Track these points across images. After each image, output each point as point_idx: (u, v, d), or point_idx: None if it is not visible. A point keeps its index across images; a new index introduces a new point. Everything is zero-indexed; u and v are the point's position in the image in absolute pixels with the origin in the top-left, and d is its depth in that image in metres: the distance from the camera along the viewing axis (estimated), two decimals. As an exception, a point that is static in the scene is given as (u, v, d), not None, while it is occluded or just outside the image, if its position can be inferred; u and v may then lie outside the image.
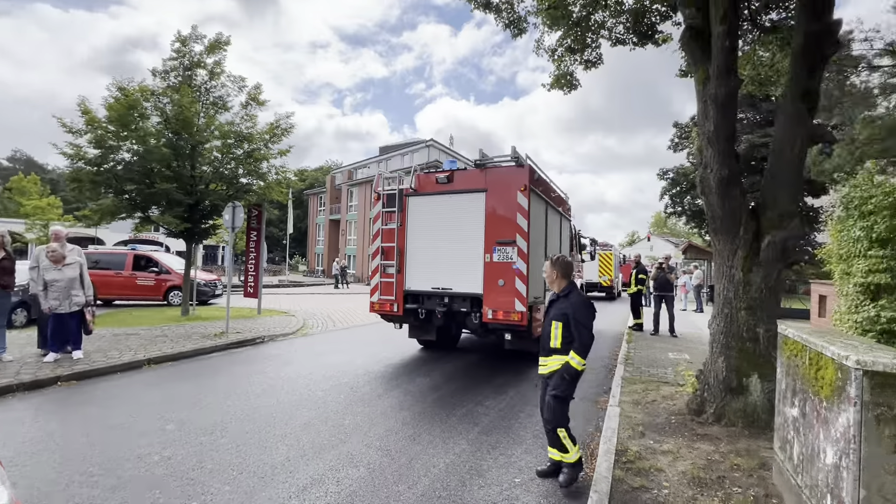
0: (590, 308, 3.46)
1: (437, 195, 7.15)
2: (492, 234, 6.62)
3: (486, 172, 6.82)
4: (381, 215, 7.55)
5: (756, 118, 22.28)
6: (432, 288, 7.08)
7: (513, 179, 6.59)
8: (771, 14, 6.90)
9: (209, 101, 11.93)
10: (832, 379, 2.39)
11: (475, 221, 6.77)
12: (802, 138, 4.43)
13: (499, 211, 6.62)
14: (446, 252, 7.02)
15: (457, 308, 6.93)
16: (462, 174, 7.09)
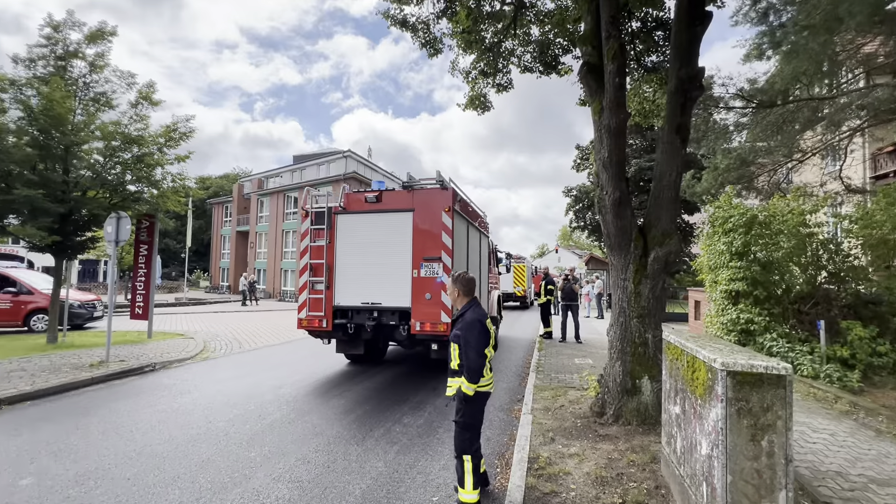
0: (480, 329, 3.26)
1: (365, 214, 7.38)
2: (419, 251, 6.95)
3: (413, 194, 7.16)
4: (310, 232, 7.58)
5: (643, 144, 25.25)
6: (362, 303, 7.23)
7: (438, 201, 6.99)
8: (651, 57, 7.90)
9: (89, 96, 10.50)
10: (704, 379, 2.74)
11: (403, 239, 7.07)
12: (678, 166, 5.10)
13: (425, 230, 6.97)
14: (375, 268, 7.22)
15: (386, 321, 7.14)
16: (390, 194, 7.34)
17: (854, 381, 6.47)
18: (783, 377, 2.42)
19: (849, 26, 6.92)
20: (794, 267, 8.45)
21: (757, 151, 10.87)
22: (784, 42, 7.90)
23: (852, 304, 7.80)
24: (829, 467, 3.94)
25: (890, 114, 8.72)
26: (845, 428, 5.02)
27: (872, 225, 7.91)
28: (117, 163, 10.62)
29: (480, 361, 3.20)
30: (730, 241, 8.54)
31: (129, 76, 10.90)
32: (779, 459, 2.41)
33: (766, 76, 9.22)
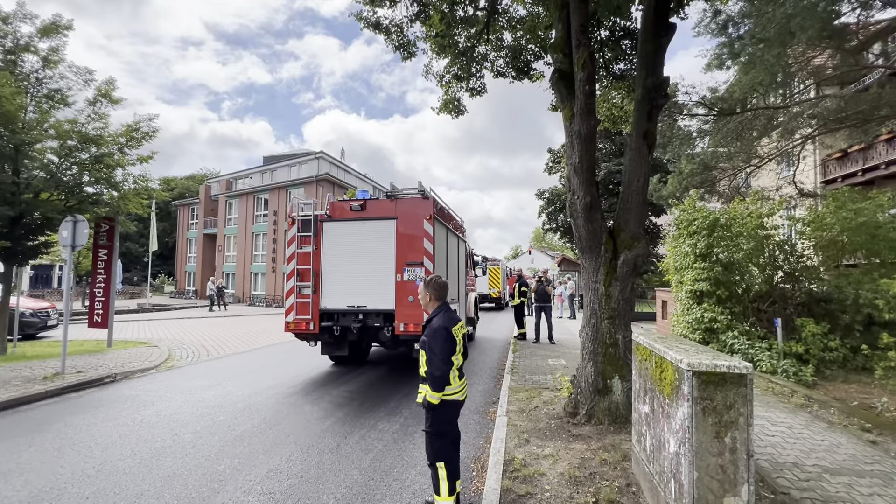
0: (445, 337, 3.13)
1: (351, 221, 7.73)
2: (402, 257, 7.37)
3: (396, 203, 7.55)
4: (297, 239, 7.84)
5: (612, 148, 25.96)
6: (347, 306, 7.61)
7: (419, 209, 7.41)
8: (620, 64, 8.15)
9: (42, 93, 9.95)
10: (672, 379, 2.84)
11: (387, 245, 7.46)
12: (645, 172, 5.27)
13: (407, 236, 7.39)
14: (360, 273, 7.59)
15: (370, 323, 7.52)
16: (374, 203, 7.71)
17: (808, 375, 6.84)
18: (744, 376, 2.53)
19: (800, 40, 7.34)
20: (754, 267, 8.87)
21: (718, 157, 11.37)
22: (742, 53, 8.31)
23: (806, 302, 8.25)
24: (787, 459, 4.15)
25: (837, 123, 9.28)
26: (801, 420, 5.30)
27: (823, 227, 8.39)
28: (74, 163, 10.10)
29: (445, 369, 3.08)
30: (694, 243, 8.89)
31: (86, 72, 10.39)
32: (741, 455, 2.52)
33: (726, 85, 9.67)
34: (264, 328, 16.21)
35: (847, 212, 8.11)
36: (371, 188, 43.30)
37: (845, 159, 14.86)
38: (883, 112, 8.47)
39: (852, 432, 4.90)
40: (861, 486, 3.63)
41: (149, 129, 10.79)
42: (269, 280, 34.59)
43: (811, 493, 3.50)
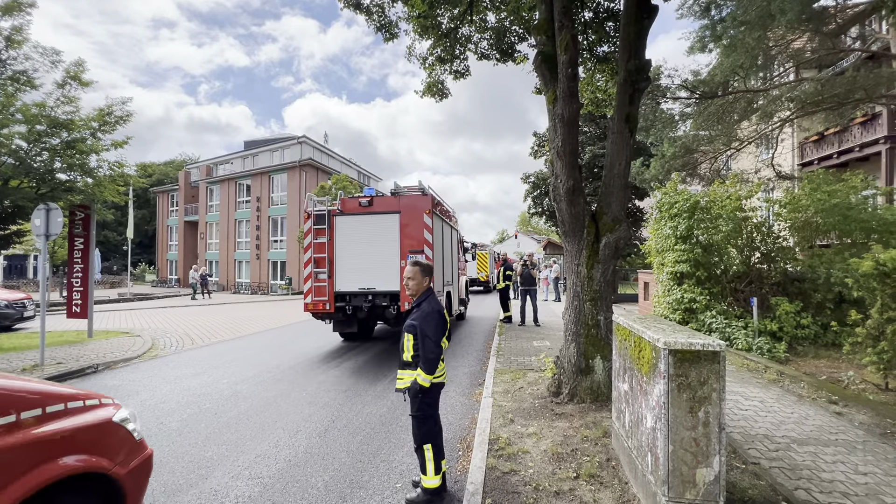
0: (439, 319, 3.21)
1: (360, 215, 8.72)
2: (405, 245, 8.41)
3: (400, 198, 8.63)
4: (312, 231, 8.75)
5: (596, 132, 26.03)
6: (359, 288, 8.61)
7: (420, 204, 8.49)
8: (603, 47, 8.12)
9: (6, 75, 9.50)
10: (649, 358, 2.93)
11: (392, 236, 8.50)
12: (627, 155, 5.32)
13: (410, 228, 8.47)
14: (369, 259, 8.58)
15: (378, 303, 8.52)
16: (380, 199, 8.74)
17: (781, 351, 7.11)
18: (717, 353, 2.63)
19: (780, 22, 7.41)
20: (732, 249, 9.10)
21: (700, 140, 11.51)
22: (724, 36, 8.36)
23: (781, 281, 8.52)
24: (758, 431, 4.35)
25: (815, 106, 9.46)
26: (772, 395, 5.53)
27: (798, 209, 8.63)
28: (44, 149, 9.75)
29: (438, 352, 3.16)
30: (675, 225, 9.06)
31: (53, 53, 9.94)
32: (713, 428, 2.63)
33: (708, 68, 9.74)
34: (249, 316, 16.09)
35: (821, 193, 8.34)
36: (356, 173, 42.75)
37: (822, 142, 15.19)
38: (858, 95, 8.65)
39: (820, 405, 5.14)
40: (826, 454, 3.83)
41: (122, 112, 10.44)
42: (254, 267, 34.18)
43: (780, 462, 3.68)
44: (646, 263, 12.72)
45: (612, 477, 3.41)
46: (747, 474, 3.41)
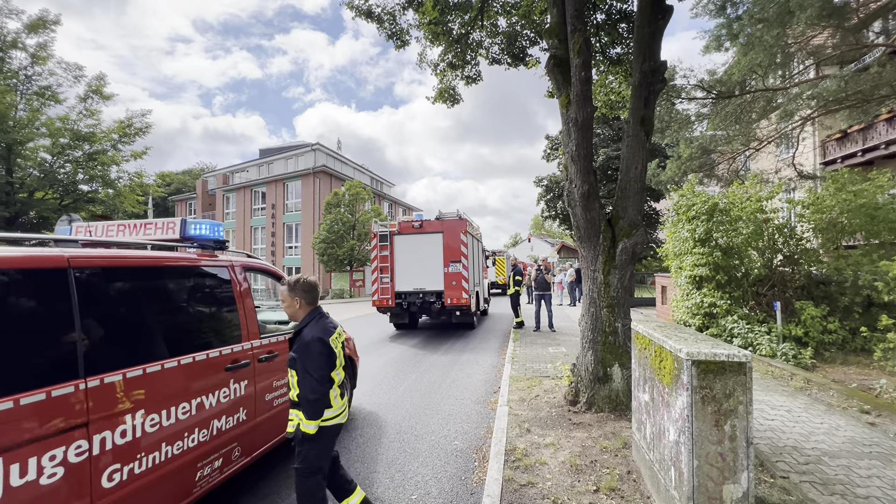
0: (321, 349, 2.56)
1: (413, 234, 11.54)
2: (447, 256, 11.23)
3: (443, 222, 11.46)
4: (378, 247, 11.62)
5: (610, 133, 25.76)
6: (412, 288, 11.40)
7: (457, 226, 11.37)
8: (616, 49, 8.02)
9: (32, 90, 9.82)
10: (671, 368, 2.84)
11: (437, 249, 11.31)
12: (643, 158, 5.22)
13: (450, 244, 11.26)
14: (420, 267, 11.34)
15: (427, 299, 11.25)
16: (428, 223, 11.57)
17: (807, 358, 6.87)
18: (744, 364, 2.53)
19: (800, 19, 7.22)
20: (753, 251, 8.85)
21: (717, 140, 11.28)
22: (741, 34, 8.18)
23: (805, 285, 8.25)
24: (786, 442, 4.18)
25: (837, 103, 9.19)
26: (800, 404, 5.33)
27: (822, 209, 8.35)
28: (67, 161, 10.04)
29: (322, 390, 2.55)
30: (693, 228, 8.86)
31: (76, 68, 10.25)
32: (741, 442, 2.52)
33: (725, 67, 9.55)
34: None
35: (847, 193, 8.07)
36: (369, 179, 43.07)
37: (845, 140, 14.75)
38: (883, 91, 8.37)
39: (851, 414, 4.93)
40: (860, 468, 3.66)
41: (142, 124, 10.70)
42: (269, 273, 34.59)
43: (810, 476, 3.53)
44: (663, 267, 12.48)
45: (633, 491, 3.30)
46: (776, 489, 3.27)
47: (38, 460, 2.07)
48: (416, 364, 8.15)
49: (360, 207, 30.31)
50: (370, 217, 29.59)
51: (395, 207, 46.46)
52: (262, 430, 3.67)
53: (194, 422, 2.95)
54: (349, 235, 29.00)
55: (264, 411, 3.70)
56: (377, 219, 12.42)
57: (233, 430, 3.29)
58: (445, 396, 6.17)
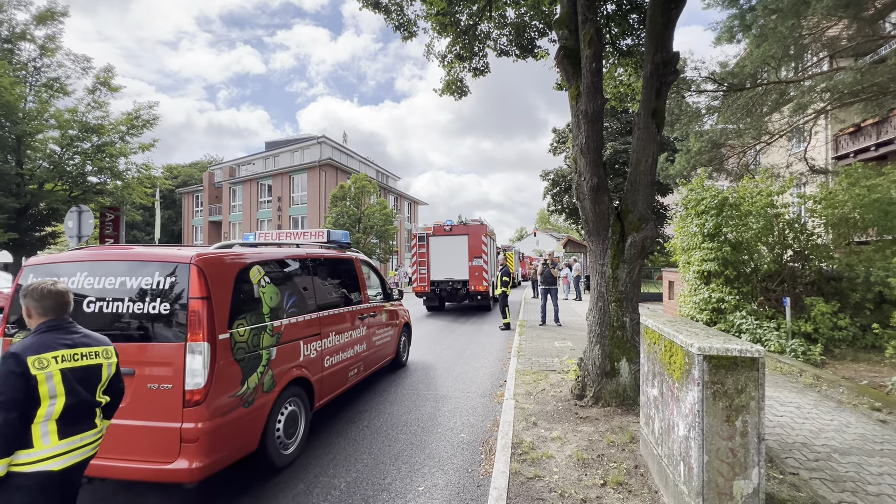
0: (11, 369, 1.90)
1: (444, 236, 14.77)
2: (471, 253, 14.41)
3: (467, 226, 14.76)
4: (417, 245, 14.99)
5: (619, 127, 25.50)
6: (444, 278, 14.65)
7: (479, 230, 14.63)
8: (627, 40, 7.90)
9: (41, 82, 9.87)
10: (682, 363, 2.81)
11: (463, 248, 14.52)
12: (654, 152, 5.14)
13: (473, 244, 14.47)
14: (450, 261, 14.56)
15: (455, 287, 14.54)
16: (457, 227, 14.77)
17: (817, 354, 6.80)
18: (756, 359, 2.50)
19: (815, 10, 7.07)
20: (762, 247, 8.75)
21: (727, 134, 11.11)
22: (754, 25, 8.03)
23: (815, 280, 8.16)
24: (796, 439, 4.15)
25: (851, 96, 9.01)
26: (809, 400, 5.29)
27: (835, 204, 8.23)
28: (76, 153, 10.10)
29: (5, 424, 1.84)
30: (702, 222, 8.77)
31: (84, 60, 10.30)
32: (752, 438, 2.50)
33: (737, 59, 9.38)
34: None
35: (860, 188, 7.93)
36: (374, 172, 43.01)
37: (858, 134, 14.49)
38: (900, 84, 8.19)
39: (862, 411, 4.89)
40: (871, 465, 3.63)
41: (149, 116, 10.73)
42: (276, 266, 34.78)
43: (820, 473, 3.50)
44: (670, 262, 12.38)
45: (640, 485, 3.30)
46: (786, 485, 3.25)
47: (303, 347, 4.30)
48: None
49: (366, 200, 30.30)
50: (376, 210, 29.59)
51: (400, 201, 46.43)
52: (371, 358, 6.06)
53: (349, 343, 5.36)
54: (355, 228, 29.03)
55: (372, 347, 6.08)
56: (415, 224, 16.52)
57: (360, 354, 5.67)
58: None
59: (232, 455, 3.32)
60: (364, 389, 6.25)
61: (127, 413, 3.01)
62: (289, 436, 3.94)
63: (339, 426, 4.87)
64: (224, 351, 3.26)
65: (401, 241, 42.26)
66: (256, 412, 3.53)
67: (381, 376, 6.91)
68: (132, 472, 3.03)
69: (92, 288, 3.30)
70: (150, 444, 3.03)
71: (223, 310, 3.33)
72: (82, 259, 3.43)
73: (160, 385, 3.09)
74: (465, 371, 7.22)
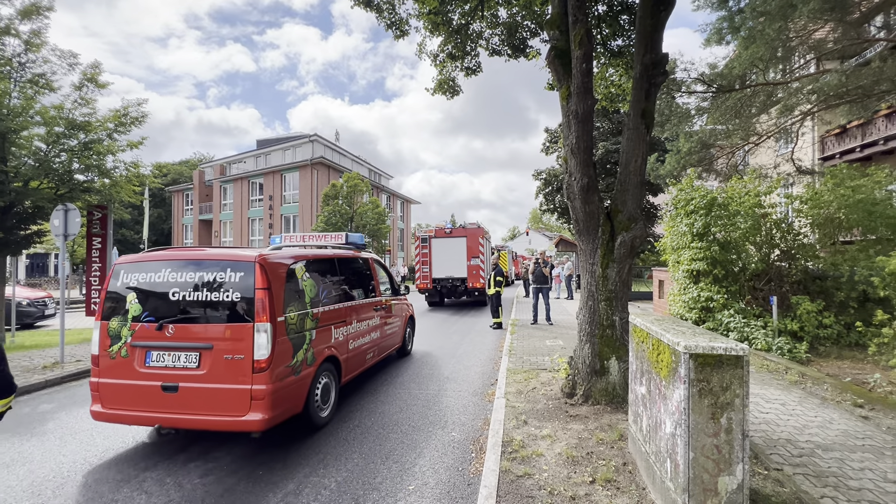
0: None
1: (445, 238, 16.37)
2: (469, 253, 16.01)
3: (466, 229, 16.35)
4: (420, 245, 16.58)
5: (609, 127, 25.66)
6: (445, 275, 16.21)
7: (476, 232, 16.29)
8: (617, 41, 7.96)
9: (25, 78, 9.68)
10: (669, 361, 2.85)
11: (462, 248, 16.09)
12: (643, 152, 5.19)
13: (471, 244, 16.06)
14: (450, 260, 16.12)
15: (455, 284, 16.15)
16: (456, 230, 16.35)
17: (802, 352, 6.92)
18: (741, 357, 2.54)
19: (802, 12, 7.17)
20: (750, 246, 8.88)
21: (717, 135, 11.24)
22: (742, 27, 8.12)
23: (801, 280, 8.29)
24: (780, 435, 4.22)
25: (837, 98, 9.15)
26: (794, 397, 5.38)
27: (820, 205, 8.37)
28: (62, 150, 9.93)
29: None
30: (691, 222, 8.87)
31: (70, 56, 10.10)
32: (736, 435, 2.54)
33: (726, 61, 9.48)
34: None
35: (845, 189, 8.08)
36: (367, 171, 42.86)
37: (844, 135, 14.74)
38: (884, 87, 8.35)
39: (845, 408, 4.98)
40: (853, 460, 3.70)
41: (138, 113, 10.57)
42: (267, 265, 34.53)
43: (804, 468, 3.57)
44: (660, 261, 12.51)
45: (628, 482, 3.33)
46: (770, 481, 3.31)
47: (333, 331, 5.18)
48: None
49: (358, 199, 30.19)
50: (368, 209, 29.48)
51: (392, 200, 46.31)
52: (383, 345, 6.97)
53: (367, 330, 6.26)
54: (347, 227, 28.92)
55: (384, 335, 6.96)
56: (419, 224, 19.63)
57: (375, 340, 6.57)
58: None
59: (286, 412, 4.17)
60: (355, 389, 6.25)
61: (208, 378, 3.93)
62: (324, 402, 4.88)
63: (330, 426, 4.86)
64: (281, 330, 4.12)
65: (393, 240, 42.18)
66: (303, 381, 4.44)
67: (378, 374, 6.91)
68: (215, 423, 3.92)
69: (175, 281, 4.14)
70: (228, 402, 3.87)
71: (279, 298, 4.18)
72: (165, 258, 4.30)
73: (234, 356, 3.92)
74: (457, 370, 7.24)
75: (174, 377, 3.96)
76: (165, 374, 3.99)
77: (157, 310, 4.11)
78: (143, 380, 4.01)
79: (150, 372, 4.02)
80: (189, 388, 3.90)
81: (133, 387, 4.03)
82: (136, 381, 4.03)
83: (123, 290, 4.23)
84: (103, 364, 4.15)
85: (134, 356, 4.08)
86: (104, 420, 4.11)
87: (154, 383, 3.97)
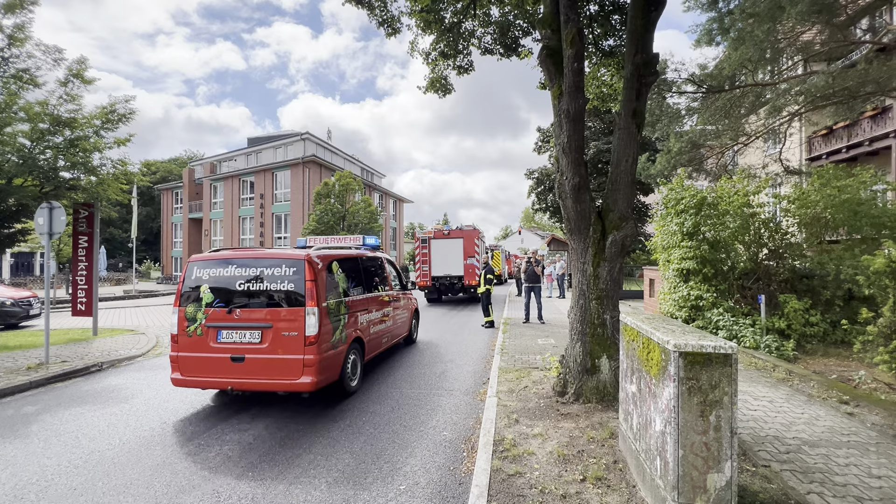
0: None
1: (444, 238, 17.51)
2: (466, 253, 17.16)
3: (463, 231, 17.45)
4: (420, 246, 17.76)
5: (601, 126, 25.82)
6: (443, 274, 17.32)
7: (472, 234, 17.43)
8: (609, 41, 7.99)
9: (9, 73, 9.49)
10: (659, 360, 2.86)
11: (459, 248, 17.23)
12: (634, 152, 5.22)
13: (467, 245, 17.22)
14: (448, 259, 17.24)
15: (452, 281, 17.29)
16: (454, 231, 17.49)
17: (789, 350, 7.01)
18: (729, 356, 2.56)
19: (790, 14, 7.25)
20: (739, 245, 8.98)
21: (706, 135, 11.35)
22: (732, 28, 8.20)
23: (789, 278, 8.40)
24: (768, 432, 4.27)
25: (824, 99, 9.28)
26: (782, 394, 5.45)
27: (807, 204, 8.48)
28: (47, 147, 9.75)
29: None
30: (681, 221, 8.94)
31: (55, 51, 9.92)
32: (725, 433, 2.56)
33: (716, 62, 9.57)
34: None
35: (831, 189, 8.20)
36: (359, 169, 42.67)
37: (830, 136, 14.97)
38: (869, 88, 8.48)
39: (831, 405, 5.06)
40: (838, 456, 3.76)
41: (125, 110, 10.43)
42: (258, 264, 34.25)
43: (791, 465, 3.61)
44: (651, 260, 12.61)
45: (619, 480, 3.35)
46: (758, 478, 3.35)
47: (359, 317, 6.30)
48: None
49: (351, 198, 30.05)
50: (360, 207, 29.36)
51: (385, 198, 46.17)
52: (394, 333, 7.99)
53: (382, 318, 7.28)
54: (339, 226, 28.77)
55: (395, 324, 8.02)
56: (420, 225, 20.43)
57: (389, 328, 7.65)
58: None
59: (327, 379, 5.22)
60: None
61: (269, 351, 5.00)
62: (353, 374, 5.92)
63: (320, 425, 4.83)
64: (324, 314, 5.22)
65: (385, 239, 42.05)
66: (339, 355, 5.50)
67: (374, 370, 6.88)
68: (274, 385, 5.00)
69: (240, 275, 5.26)
70: (285, 369, 4.95)
71: (322, 289, 5.27)
72: (230, 257, 5.43)
73: (289, 333, 5.01)
74: (449, 369, 7.24)
75: (241, 350, 5.02)
76: (234, 347, 5.05)
77: (226, 297, 5.21)
78: (215, 352, 5.07)
79: (221, 346, 5.08)
80: (253, 358, 4.98)
81: (207, 358, 5.10)
82: (209, 353, 5.10)
83: (197, 282, 5.32)
84: (182, 341, 5.21)
85: (207, 334, 5.15)
86: (183, 385, 5.20)
87: (224, 355, 5.03)
